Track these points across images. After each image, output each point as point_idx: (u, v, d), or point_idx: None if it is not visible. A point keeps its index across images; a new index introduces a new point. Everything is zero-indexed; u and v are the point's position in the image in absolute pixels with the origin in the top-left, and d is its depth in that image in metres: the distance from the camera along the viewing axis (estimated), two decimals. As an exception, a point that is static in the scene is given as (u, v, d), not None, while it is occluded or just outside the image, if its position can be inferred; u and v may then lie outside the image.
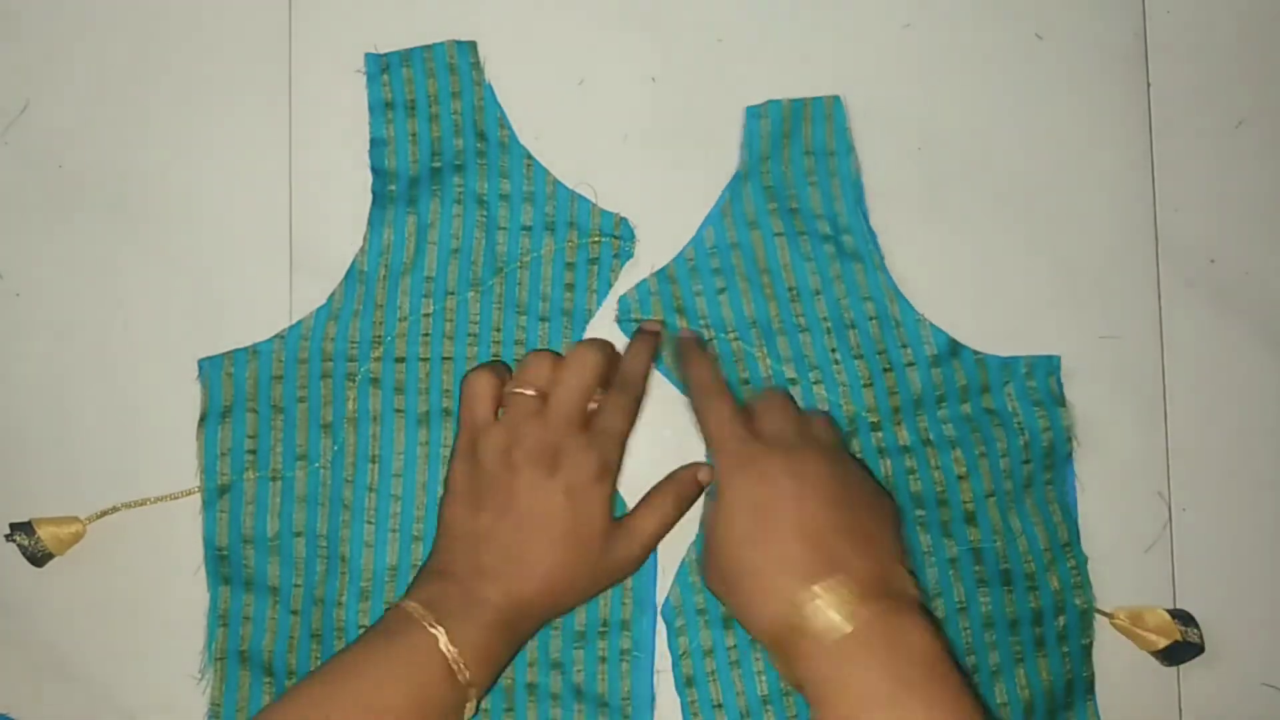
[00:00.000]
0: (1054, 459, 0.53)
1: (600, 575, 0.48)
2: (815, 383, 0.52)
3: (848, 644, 0.41)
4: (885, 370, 0.52)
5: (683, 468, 0.51)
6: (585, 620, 0.51)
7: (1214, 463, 0.54)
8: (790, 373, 0.52)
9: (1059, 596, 0.52)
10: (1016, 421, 0.52)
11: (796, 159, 0.54)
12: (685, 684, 0.51)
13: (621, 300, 0.53)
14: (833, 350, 0.52)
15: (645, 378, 0.50)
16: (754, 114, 0.54)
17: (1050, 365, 0.53)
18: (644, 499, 0.50)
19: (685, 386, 0.51)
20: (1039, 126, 0.55)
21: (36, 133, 0.55)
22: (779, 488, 0.45)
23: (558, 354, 0.50)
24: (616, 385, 0.50)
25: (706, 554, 0.47)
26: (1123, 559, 0.53)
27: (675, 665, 0.51)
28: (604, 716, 0.51)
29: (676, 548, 0.52)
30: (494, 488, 0.47)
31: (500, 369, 0.49)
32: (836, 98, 0.54)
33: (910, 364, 0.52)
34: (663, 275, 0.53)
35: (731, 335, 0.53)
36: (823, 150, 0.54)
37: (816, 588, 0.42)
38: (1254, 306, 0.55)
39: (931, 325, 0.53)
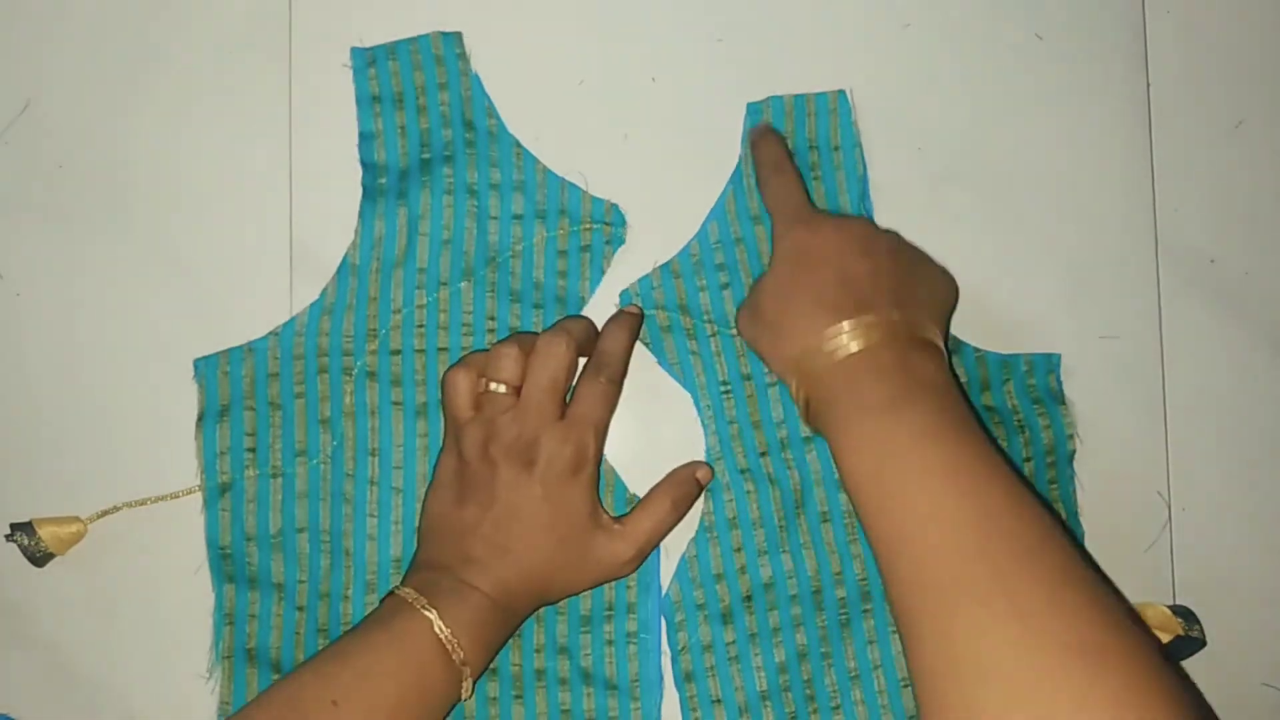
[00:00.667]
0: (1056, 458, 0.53)
1: (589, 568, 0.49)
2: None
3: (860, 364, 0.44)
4: None
5: (681, 467, 0.51)
6: (591, 605, 0.51)
7: (1214, 463, 0.54)
8: None
9: None
10: (1016, 419, 0.52)
11: (801, 153, 0.54)
12: (684, 679, 0.51)
13: (623, 294, 0.53)
14: None
15: (624, 359, 0.50)
16: (755, 110, 0.54)
17: (1050, 363, 0.53)
18: (641, 500, 0.50)
19: (754, 164, 0.53)
20: (1039, 126, 0.55)
21: (36, 133, 0.55)
22: (826, 237, 0.48)
23: (533, 335, 0.50)
24: (593, 367, 0.50)
25: (747, 302, 0.50)
26: (1123, 558, 0.53)
27: (675, 660, 0.51)
28: (613, 699, 0.51)
29: (683, 535, 0.52)
30: (476, 482, 0.48)
31: (480, 362, 0.50)
32: (841, 92, 0.54)
33: None
34: (666, 270, 0.53)
35: (734, 330, 0.53)
36: (827, 145, 0.54)
37: (843, 322, 0.45)
38: (1254, 306, 0.55)
39: None
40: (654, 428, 0.53)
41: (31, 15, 0.55)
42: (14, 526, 0.51)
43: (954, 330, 0.53)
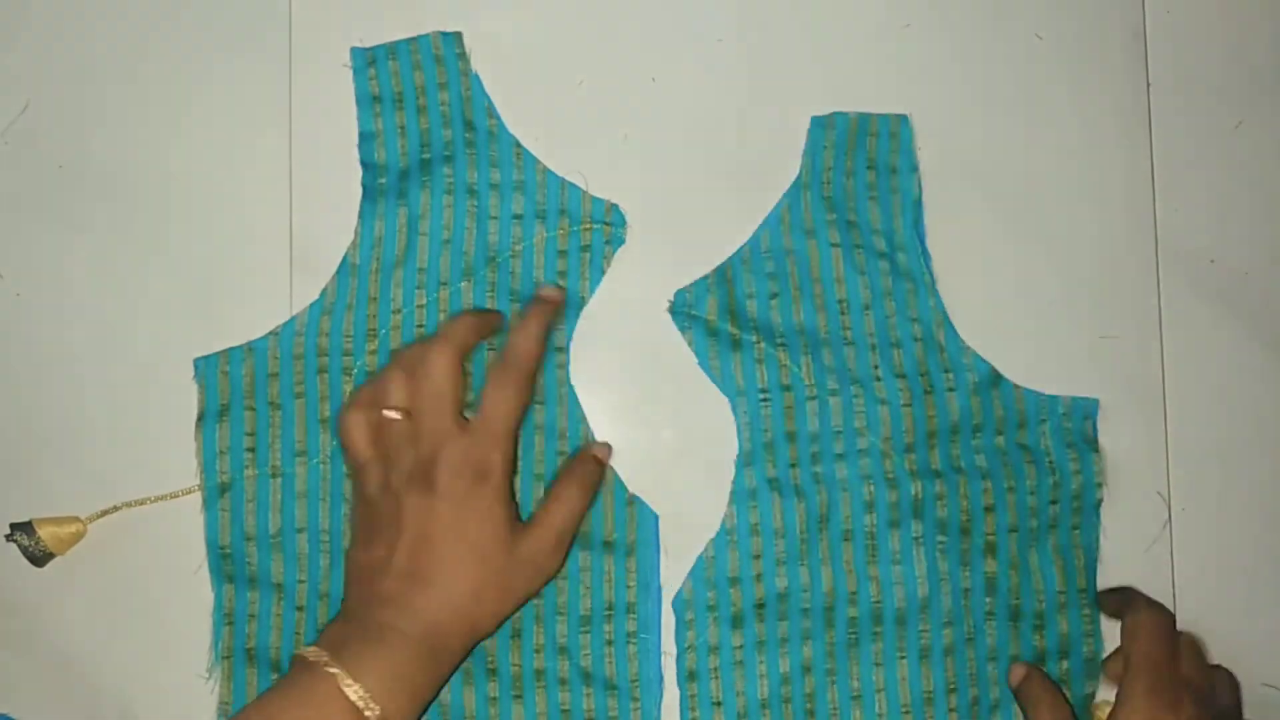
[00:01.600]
0: (1082, 504, 0.53)
1: (516, 577, 0.46)
2: (856, 396, 0.52)
3: None
4: (926, 393, 0.52)
5: (580, 449, 0.51)
6: (590, 605, 0.51)
7: (1214, 463, 0.54)
8: (833, 384, 0.52)
9: (1065, 640, 0.52)
10: (1049, 460, 0.52)
11: (859, 172, 0.54)
12: (688, 677, 0.51)
13: (678, 294, 0.53)
14: (875, 367, 0.52)
15: (534, 353, 0.49)
16: (819, 124, 0.54)
17: (1088, 408, 0.53)
18: (547, 491, 0.49)
19: (1119, 607, 0.50)
20: (1039, 126, 0.55)
21: (36, 133, 0.55)
22: None
23: (422, 345, 0.48)
24: (498, 365, 0.48)
25: None
26: (1123, 559, 0.53)
27: (680, 658, 0.51)
28: (613, 699, 0.51)
29: (683, 535, 0.52)
30: (381, 519, 0.46)
31: (368, 395, 0.47)
32: (904, 116, 0.54)
33: (951, 389, 0.52)
34: (720, 274, 0.53)
35: (779, 341, 0.53)
36: (886, 167, 0.54)
37: None
38: (1254, 306, 0.55)
39: (975, 354, 0.53)
40: (653, 430, 0.53)
41: (31, 15, 0.55)
42: (14, 526, 0.51)
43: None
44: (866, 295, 0.53)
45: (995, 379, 0.53)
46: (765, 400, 0.52)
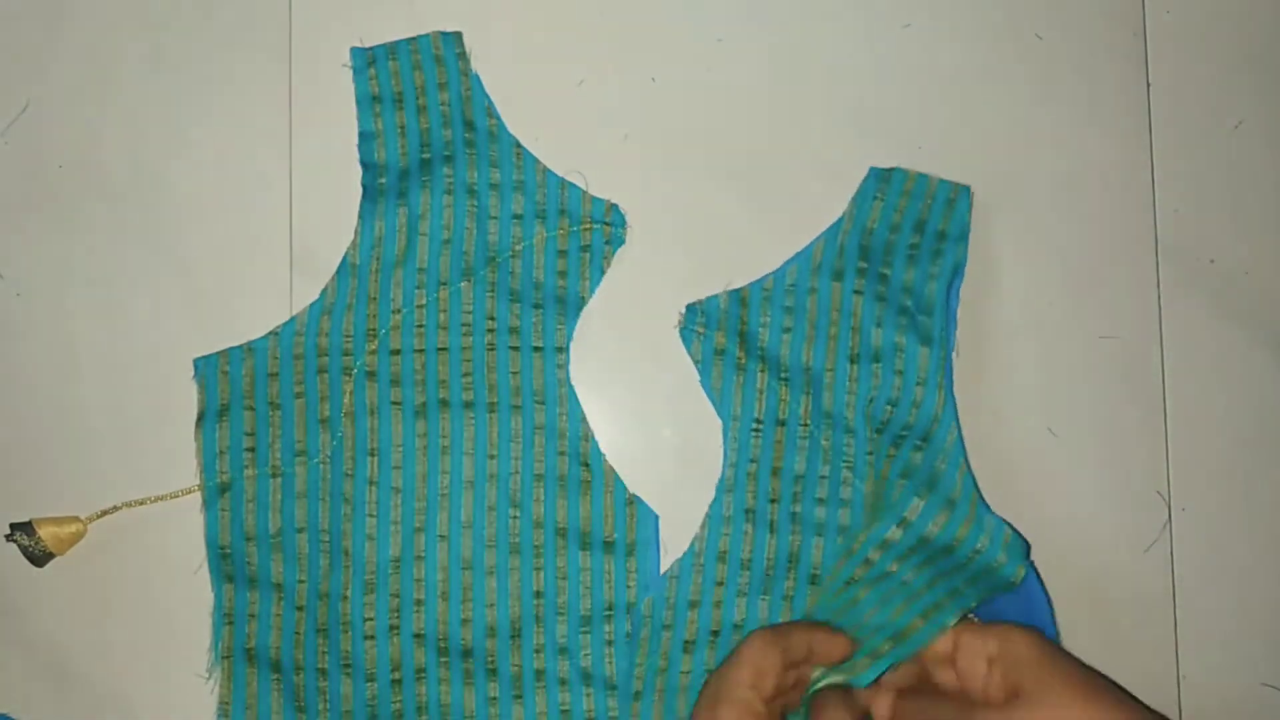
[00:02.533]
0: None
1: None
2: (847, 445, 0.52)
3: None
4: (915, 451, 0.51)
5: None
6: (590, 604, 0.51)
7: (1214, 463, 0.54)
8: (827, 428, 0.52)
9: None
10: (969, 564, 0.49)
11: (904, 229, 0.53)
12: (633, 696, 0.51)
13: (689, 308, 0.53)
14: (871, 419, 0.52)
15: None
16: (877, 175, 0.54)
17: (1024, 551, 0.50)
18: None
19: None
20: (1039, 126, 0.55)
21: (36, 133, 0.55)
22: None
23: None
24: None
25: None
26: (1123, 559, 0.53)
27: (627, 674, 0.51)
28: (613, 699, 0.51)
29: (683, 536, 0.52)
30: None
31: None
32: (965, 187, 0.53)
33: (917, 449, 0.51)
34: (735, 296, 0.53)
35: (783, 375, 0.52)
36: (935, 231, 0.53)
37: None
38: (1254, 306, 0.55)
39: (959, 436, 0.51)
40: (653, 429, 0.53)
41: (31, 15, 0.55)
42: (14, 526, 0.51)
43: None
44: (879, 348, 0.52)
45: (964, 474, 0.51)
46: (757, 431, 0.52)
